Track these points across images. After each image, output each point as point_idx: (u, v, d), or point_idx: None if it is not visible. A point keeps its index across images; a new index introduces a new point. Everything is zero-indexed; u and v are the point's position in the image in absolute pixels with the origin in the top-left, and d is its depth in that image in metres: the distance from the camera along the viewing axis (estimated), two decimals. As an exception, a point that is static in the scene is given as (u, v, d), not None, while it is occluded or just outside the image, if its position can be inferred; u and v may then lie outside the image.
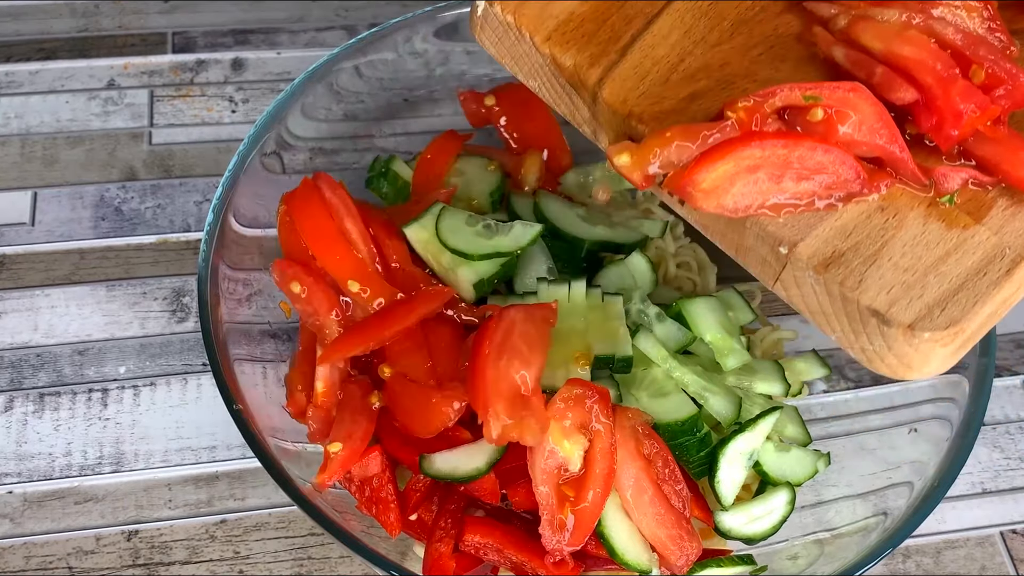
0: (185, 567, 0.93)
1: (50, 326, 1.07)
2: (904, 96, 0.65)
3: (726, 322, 0.93)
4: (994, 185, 0.66)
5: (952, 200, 0.66)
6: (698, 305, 0.93)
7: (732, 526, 0.87)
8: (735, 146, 0.62)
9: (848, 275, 0.63)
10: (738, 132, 0.63)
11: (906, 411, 0.93)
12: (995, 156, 0.65)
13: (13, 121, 1.22)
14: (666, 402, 0.87)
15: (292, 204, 0.90)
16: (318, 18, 1.36)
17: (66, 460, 0.99)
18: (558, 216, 0.98)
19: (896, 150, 0.65)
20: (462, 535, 0.82)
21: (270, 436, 0.82)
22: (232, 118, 1.24)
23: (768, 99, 0.64)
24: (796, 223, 0.65)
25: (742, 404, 0.88)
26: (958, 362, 0.82)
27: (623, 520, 0.81)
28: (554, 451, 0.78)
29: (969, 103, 0.63)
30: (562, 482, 0.79)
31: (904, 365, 0.63)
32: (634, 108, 0.69)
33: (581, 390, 0.80)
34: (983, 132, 0.65)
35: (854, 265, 0.63)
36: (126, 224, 1.14)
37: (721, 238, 0.69)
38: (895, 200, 0.66)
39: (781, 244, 0.64)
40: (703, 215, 0.68)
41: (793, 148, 0.63)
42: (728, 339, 0.92)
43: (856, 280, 0.63)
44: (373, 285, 0.88)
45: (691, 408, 0.86)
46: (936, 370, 0.64)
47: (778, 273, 0.66)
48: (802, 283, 0.65)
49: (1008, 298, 0.64)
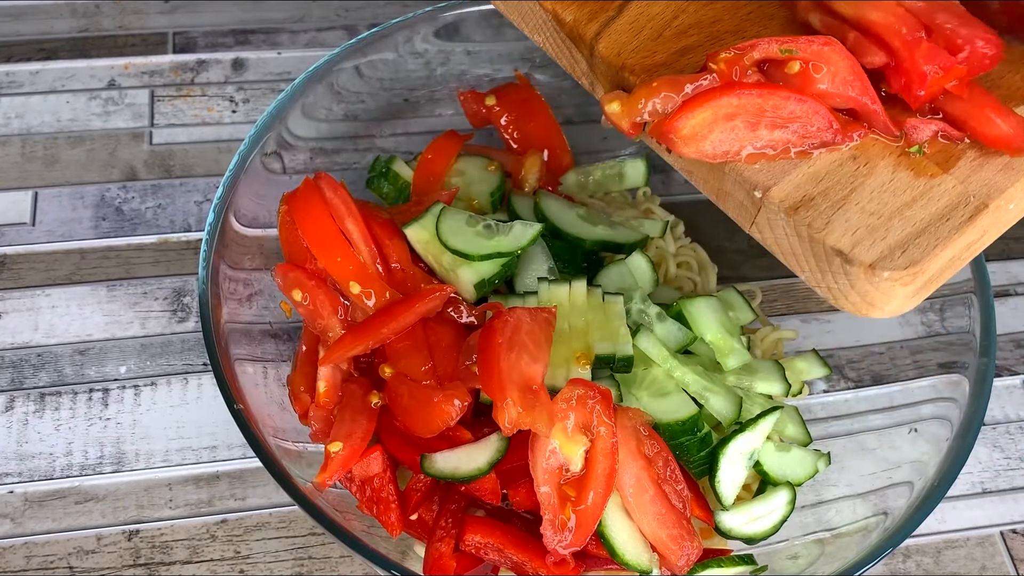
0: (186, 567, 0.93)
1: (51, 326, 1.07)
2: (874, 60, 0.69)
3: (727, 322, 0.93)
4: (962, 140, 0.70)
5: (921, 150, 0.69)
6: (699, 305, 0.93)
7: (733, 526, 0.87)
8: (714, 95, 0.67)
9: (816, 217, 0.67)
10: (718, 83, 0.67)
11: (906, 411, 0.93)
12: (963, 114, 0.69)
13: (14, 121, 1.22)
14: (666, 402, 0.87)
15: (293, 204, 0.90)
16: (318, 18, 1.36)
17: (67, 460, 0.99)
18: (558, 216, 0.98)
19: (868, 101, 0.68)
20: (463, 535, 0.82)
21: (271, 436, 0.82)
22: (233, 118, 1.24)
23: (747, 52, 0.68)
24: (771, 169, 0.69)
25: (742, 404, 0.88)
26: (958, 362, 0.82)
27: (623, 520, 0.81)
28: (556, 451, 0.78)
29: (932, 64, 0.66)
30: (563, 482, 0.79)
31: (867, 303, 0.67)
32: (627, 61, 0.74)
33: (583, 390, 0.80)
34: (950, 91, 0.68)
35: (822, 208, 0.67)
36: (127, 224, 1.15)
37: (703, 183, 0.73)
38: (867, 150, 0.69)
39: (756, 189, 0.68)
40: (686, 161, 0.72)
41: (767, 98, 0.67)
42: (729, 339, 0.92)
43: (823, 222, 0.66)
44: (374, 287, 0.88)
45: (691, 408, 0.86)
46: (898, 309, 0.67)
47: (753, 216, 0.70)
48: (775, 225, 0.69)
49: (971, 244, 0.67)
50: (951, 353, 0.91)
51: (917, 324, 0.97)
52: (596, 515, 0.79)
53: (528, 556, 0.81)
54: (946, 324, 0.93)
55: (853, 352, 1.03)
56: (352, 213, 0.89)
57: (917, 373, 0.95)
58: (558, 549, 0.78)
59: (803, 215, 0.67)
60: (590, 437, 0.79)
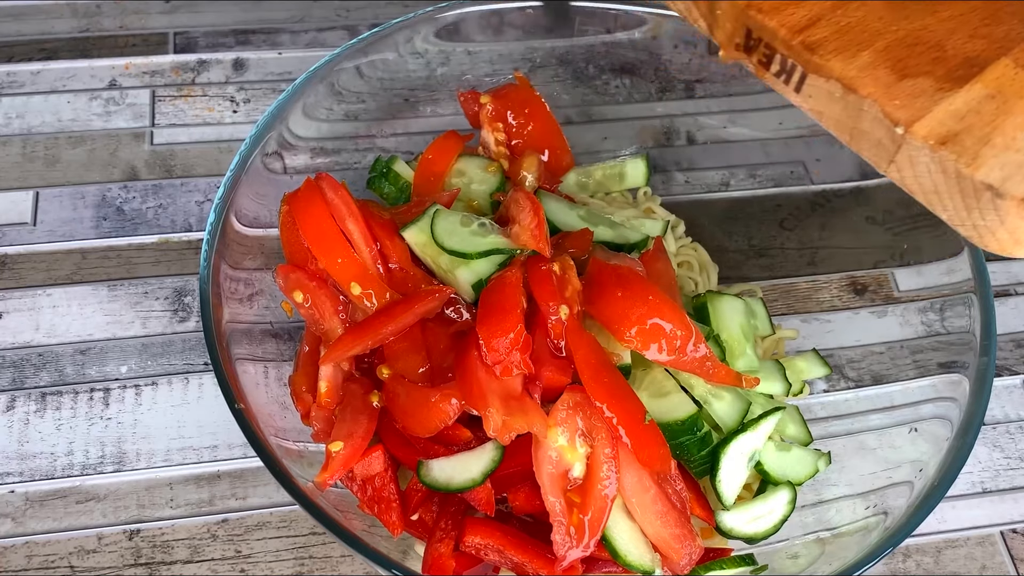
0: (187, 566, 0.93)
1: (52, 326, 1.07)
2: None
3: (746, 326, 0.94)
4: None
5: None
6: (726, 303, 0.94)
7: (733, 525, 0.87)
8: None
9: (963, 152, 0.66)
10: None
11: (906, 410, 0.94)
12: None
13: (15, 121, 1.22)
14: (666, 402, 0.87)
15: (294, 204, 0.90)
16: (319, 18, 1.36)
17: (68, 459, 0.99)
18: (558, 216, 0.98)
19: None
20: (462, 536, 0.82)
21: (271, 436, 0.82)
22: (233, 118, 1.25)
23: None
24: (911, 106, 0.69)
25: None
26: (958, 361, 0.82)
27: (625, 520, 0.81)
28: (559, 458, 0.78)
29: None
30: (569, 488, 0.79)
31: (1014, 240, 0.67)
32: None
33: (581, 396, 0.80)
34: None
35: (968, 144, 0.67)
36: (128, 224, 1.15)
37: (835, 124, 0.73)
38: (1003, 90, 0.69)
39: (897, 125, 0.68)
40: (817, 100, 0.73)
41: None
42: (744, 342, 0.93)
43: (971, 157, 0.66)
44: (375, 287, 0.88)
45: (691, 407, 0.86)
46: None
47: (893, 154, 0.70)
48: (917, 163, 0.69)
49: None
50: (951, 353, 0.91)
51: (917, 324, 0.97)
52: (601, 519, 0.79)
53: (528, 557, 0.81)
54: (946, 324, 0.93)
55: (853, 352, 1.03)
56: (353, 214, 0.89)
57: (917, 373, 0.95)
58: (568, 555, 0.78)
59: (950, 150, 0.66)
60: (590, 443, 0.79)
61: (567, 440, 0.78)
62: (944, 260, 0.93)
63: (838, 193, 1.07)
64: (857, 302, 1.04)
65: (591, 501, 0.78)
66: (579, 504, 0.78)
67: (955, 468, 0.81)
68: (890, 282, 1.04)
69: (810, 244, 1.07)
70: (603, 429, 0.79)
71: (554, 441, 0.78)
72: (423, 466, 0.83)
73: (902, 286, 1.03)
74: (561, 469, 0.78)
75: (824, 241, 1.08)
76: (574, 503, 0.78)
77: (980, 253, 0.90)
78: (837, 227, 1.07)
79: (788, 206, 1.11)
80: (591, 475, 0.78)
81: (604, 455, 0.78)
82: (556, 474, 0.78)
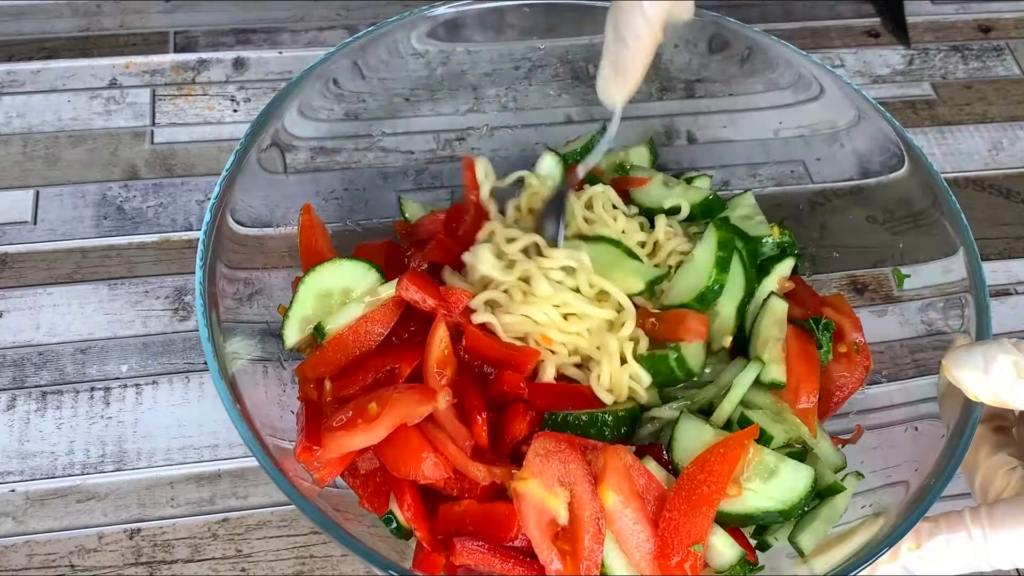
0: (187, 566, 0.94)
1: (52, 325, 1.07)
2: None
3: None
4: None
5: None
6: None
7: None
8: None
9: None
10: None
11: (906, 409, 0.93)
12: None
13: (15, 120, 1.22)
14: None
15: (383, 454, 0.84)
16: (320, 17, 1.36)
17: (68, 458, 0.99)
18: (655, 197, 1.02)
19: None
20: (451, 557, 0.81)
21: (269, 436, 0.82)
22: (234, 117, 1.25)
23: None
24: None
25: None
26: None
27: (620, 557, 0.79)
28: (542, 508, 0.77)
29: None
30: (557, 538, 0.78)
31: None
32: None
33: (551, 442, 0.79)
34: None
35: None
36: (128, 223, 1.15)
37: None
38: None
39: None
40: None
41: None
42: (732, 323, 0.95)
43: None
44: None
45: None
46: None
47: None
48: None
49: None
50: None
51: (917, 323, 0.97)
52: (595, 558, 0.77)
53: (523, 569, 0.80)
54: (947, 323, 0.93)
55: (853, 351, 1.03)
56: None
57: (917, 372, 0.95)
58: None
59: None
60: (568, 487, 0.78)
61: (546, 489, 0.78)
62: (939, 260, 0.93)
63: (838, 193, 1.07)
64: (857, 301, 1.04)
65: (581, 546, 0.77)
66: (570, 552, 0.77)
67: (952, 467, 0.81)
68: (890, 282, 1.04)
69: (810, 244, 1.07)
70: (576, 471, 0.78)
71: (534, 491, 0.77)
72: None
73: (902, 285, 1.02)
74: (547, 517, 0.77)
75: (824, 241, 1.08)
76: (566, 550, 0.77)
77: (975, 253, 0.90)
78: (837, 227, 1.07)
79: (788, 206, 1.11)
80: (576, 517, 0.78)
81: (583, 498, 0.77)
82: (542, 523, 0.77)
